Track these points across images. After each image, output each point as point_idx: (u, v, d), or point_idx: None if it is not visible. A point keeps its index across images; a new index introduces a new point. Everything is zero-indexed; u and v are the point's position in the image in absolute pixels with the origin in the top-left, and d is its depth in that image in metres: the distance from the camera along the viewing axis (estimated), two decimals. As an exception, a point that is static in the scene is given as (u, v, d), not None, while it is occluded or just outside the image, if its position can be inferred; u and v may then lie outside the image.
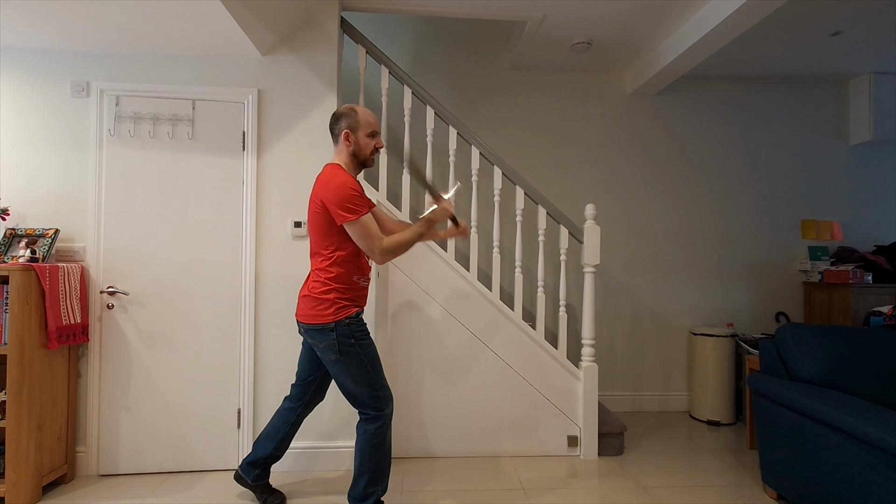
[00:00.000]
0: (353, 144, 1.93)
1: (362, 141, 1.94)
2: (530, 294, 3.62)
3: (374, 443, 1.90)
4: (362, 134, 1.94)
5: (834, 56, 3.43)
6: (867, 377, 2.07)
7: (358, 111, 1.94)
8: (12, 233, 2.38)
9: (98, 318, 2.47)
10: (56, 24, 2.24)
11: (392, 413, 1.97)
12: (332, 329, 1.87)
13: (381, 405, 1.92)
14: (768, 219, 3.83)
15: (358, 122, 1.93)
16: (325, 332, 1.88)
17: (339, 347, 1.88)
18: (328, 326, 1.88)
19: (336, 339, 1.88)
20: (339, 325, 1.88)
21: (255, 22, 2.33)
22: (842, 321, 3.45)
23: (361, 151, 1.95)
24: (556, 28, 3.02)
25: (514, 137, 3.66)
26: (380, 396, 1.92)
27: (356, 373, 1.90)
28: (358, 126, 1.93)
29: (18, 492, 2.10)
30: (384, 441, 1.92)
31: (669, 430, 3.25)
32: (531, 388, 2.77)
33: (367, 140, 1.94)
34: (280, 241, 2.59)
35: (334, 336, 1.88)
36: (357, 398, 1.93)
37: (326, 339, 1.89)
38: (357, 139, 1.93)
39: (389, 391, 1.97)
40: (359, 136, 1.93)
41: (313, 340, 1.92)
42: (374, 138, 1.96)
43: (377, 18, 3.57)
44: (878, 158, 3.90)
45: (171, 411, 2.51)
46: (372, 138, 1.95)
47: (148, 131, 2.51)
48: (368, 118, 1.95)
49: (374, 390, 1.91)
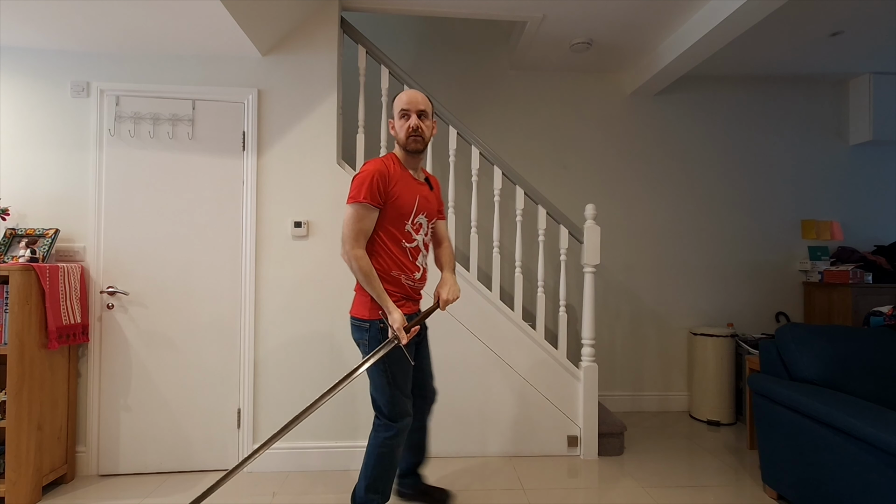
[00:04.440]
0: (393, 131, 1.86)
1: (397, 125, 1.84)
2: (530, 294, 3.62)
3: (380, 451, 1.84)
4: (396, 118, 1.84)
5: (834, 56, 3.43)
6: (867, 377, 2.07)
7: (398, 96, 1.84)
8: (12, 233, 2.38)
9: (98, 318, 2.47)
10: (56, 24, 2.24)
11: (409, 425, 1.88)
12: (366, 328, 1.80)
13: (396, 417, 1.83)
14: (768, 219, 3.83)
15: (393, 106, 1.85)
16: (360, 330, 1.81)
17: (369, 349, 1.80)
18: (363, 324, 1.80)
19: (367, 340, 1.80)
20: (374, 326, 1.79)
21: (255, 22, 2.33)
22: (842, 321, 3.45)
23: (398, 136, 1.84)
24: (556, 28, 3.02)
25: (514, 137, 3.66)
26: (396, 409, 1.83)
27: (378, 379, 1.82)
28: (393, 111, 1.85)
29: (18, 492, 2.10)
30: (391, 453, 1.85)
31: (669, 431, 3.25)
32: (531, 388, 2.77)
33: (400, 123, 1.83)
34: (280, 241, 2.59)
35: (367, 336, 1.80)
36: (375, 403, 1.87)
37: (361, 338, 1.82)
38: (394, 124, 1.85)
39: (408, 406, 1.87)
40: (395, 121, 1.85)
41: (353, 336, 1.85)
42: (407, 119, 1.80)
43: (377, 18, 3.57)
44: (878, 158, 3.90)
45: (171, 411, 2.51)
46: (405, 120, 1.81)
47: (148, 131, 2.51)
48: (400, 98, 1.83)
49: (392, 401, 1.82)
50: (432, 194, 1.95)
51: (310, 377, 2.58)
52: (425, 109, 1.83)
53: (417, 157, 1.87)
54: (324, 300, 2.60)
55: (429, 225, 1.93)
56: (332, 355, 2.60)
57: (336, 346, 2.60)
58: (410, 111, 1.80)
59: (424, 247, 1.92)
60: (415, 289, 1.89)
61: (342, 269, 2.61)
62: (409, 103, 1.81)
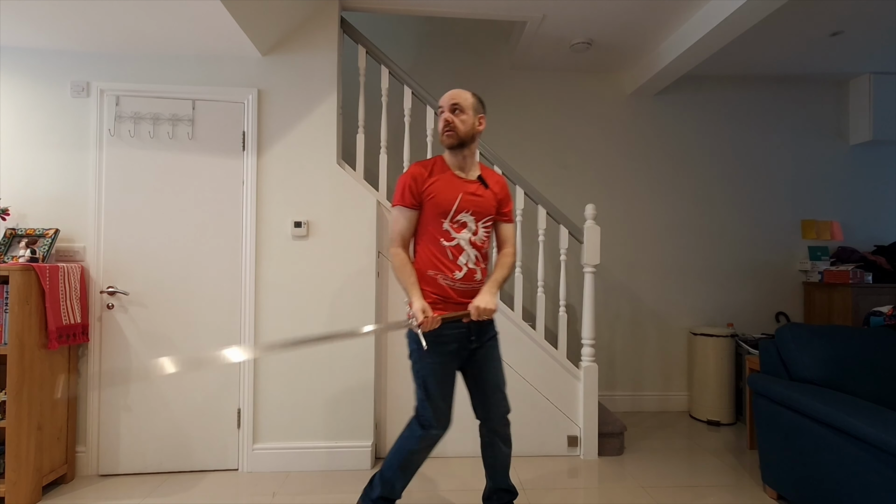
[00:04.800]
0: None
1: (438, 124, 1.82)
2: (530, 294, 3.62)
3: (399, 445, 1.79)
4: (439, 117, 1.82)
5: (834, 56, 3.43)
6: (867, 377, 2.07)
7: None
8: (12, 233, 2.38)
9: (98, 318, 2.47)
10: (56, 24, 2.24)
11: (435, 438, 1.78)
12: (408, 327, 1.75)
13: (423, 423, 1.76)
14: (768, 219, 3.83)
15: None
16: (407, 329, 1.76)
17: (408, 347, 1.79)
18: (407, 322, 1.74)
19: (407, 336, 1.79)
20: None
21: (255, 22, 2.33)
22: (842, 321, 3.45)
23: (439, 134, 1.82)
24: (556, 28, 3.02)
25: (514, 137, 3.66)
26: (425, 414, 1.76)
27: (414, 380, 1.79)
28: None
29: (18, 492, 2.10)
30: (412, 454, 1.78)
31: (669, 430, 3.25)
32: (531, 388, 2.77)
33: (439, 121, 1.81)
34: (280, 241, 2.59)
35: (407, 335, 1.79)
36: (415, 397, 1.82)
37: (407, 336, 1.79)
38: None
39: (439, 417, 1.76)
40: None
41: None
42: (441, 115, 1.79)
43: (377, 18, 3.57)
44: (878, 158, 3.90)
45: (171, 411, 2.51)
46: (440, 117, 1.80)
47: (148, 131, 2.51)
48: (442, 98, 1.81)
49: (422, 405, 1.76)
50: (488, 193, 1.85)
51: (310, 377, 2.58)
52: (458, 103, 1.77)
53: (460, 153, 1.81)
54: (324, 300, 2.60)
55: (478, 224, 1.82)
56: (332, 355, 2.60)
57: (336, 346, 2.60)
58: (444, 107, 1.79)
59: (472, 246, 1.80)
60: (456, 290, 1.78)
61: (342, 269, 2.61)
62: (443, 100, 1.80)
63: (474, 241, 1.81)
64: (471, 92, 1.82)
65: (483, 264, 1.84)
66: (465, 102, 1.78)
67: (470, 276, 1.79)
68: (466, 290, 1.79)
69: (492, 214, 1.87)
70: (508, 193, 1.94)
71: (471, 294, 1.79)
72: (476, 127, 1.80)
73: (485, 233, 1.84)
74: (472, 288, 1.80)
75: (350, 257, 2.62)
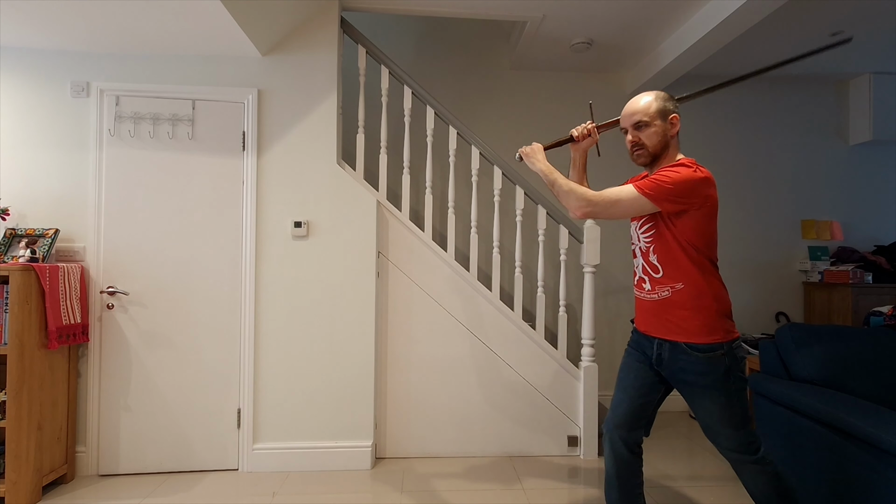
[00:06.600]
0: None
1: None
2: (530, 294, 3.62)
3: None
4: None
5: (834, 56, 3.43)
6: (867, 377, 2.07)
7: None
8: (12, 233, 2.38)
9: (98, 318, 2.47)
10: (56, 24, 2.24)
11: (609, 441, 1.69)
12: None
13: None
14: (768, 219, 3.83)
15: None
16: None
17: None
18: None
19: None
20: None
21: (255, 22, 2.33)
22: (842, 321, 3.45)
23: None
24: (556, 28, 3.02)
25: (514, 137, 3.66)
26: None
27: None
28: None
29: (18, 492, 2.10)
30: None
31: (669, 430, 3.25)
32: (531, 388, 2.77)
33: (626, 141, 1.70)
34: (280, 241, 2.59)
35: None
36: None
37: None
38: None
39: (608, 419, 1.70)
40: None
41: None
42: (625, 135, 1.68)
43: (377, 18, 3.57)
44: (878, 158, 3.90)
45: (171, 411, 2.51)
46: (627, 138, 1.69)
47: (148, 131, 2.51)
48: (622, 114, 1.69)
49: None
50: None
51: (310, 377, 2.58)
52: (641, 119, 1.58)
53: (658, 166, 1.63)
54: (324, 300, 2.60)
55: (637, 231, 1.67)
56: (332, 355, 2.60)
57: (336, 346, 2.60)
58: (626, 127, 1.64)
59: (642, 254, 1.65)
60: (643, 299, 1.66)
61: (342, 269, 2.61)
62: (622, 119, 1.65)
63: (642, 248, 1.66)
64: (653, 94, 1.60)
65: (654, 274, 1.61)
66: (647, 114, 1.58)
67: (640, 284, 1.67)
68: (648, 299, 1.64)
69: (643, 217, 1.64)
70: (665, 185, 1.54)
71: (650, 299, 1.63)
72: (669, 132, 1.59)
73: (648, 239, 1.62)
74: (645, 293, 1.65)
75: (350, 257, 2.62)
